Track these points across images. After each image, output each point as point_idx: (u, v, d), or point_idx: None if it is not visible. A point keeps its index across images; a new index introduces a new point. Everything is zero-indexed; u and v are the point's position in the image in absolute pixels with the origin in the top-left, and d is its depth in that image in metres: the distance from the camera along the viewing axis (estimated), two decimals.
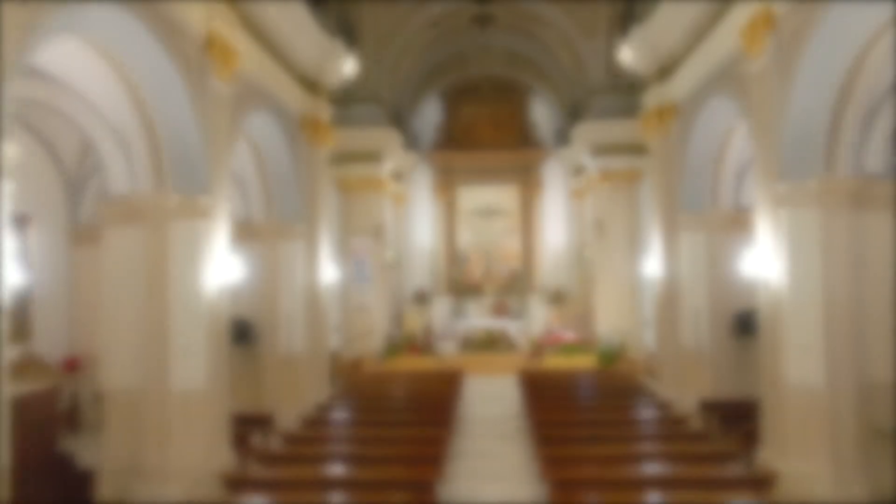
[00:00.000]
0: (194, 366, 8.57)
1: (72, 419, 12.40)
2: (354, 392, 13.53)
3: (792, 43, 7.98)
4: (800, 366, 8.16)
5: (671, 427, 10.07)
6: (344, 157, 21.72)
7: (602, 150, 21.13)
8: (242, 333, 12.40)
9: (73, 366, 12.26)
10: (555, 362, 19.31)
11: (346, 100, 21.78)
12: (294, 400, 12.79)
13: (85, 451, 8.88)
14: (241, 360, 12.90)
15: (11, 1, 5.26)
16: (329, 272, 14.33)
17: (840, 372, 7.95)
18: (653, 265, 13.93)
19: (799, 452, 8.08)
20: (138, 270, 8.54)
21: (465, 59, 26.07)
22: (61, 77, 8.36)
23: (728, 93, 10.32)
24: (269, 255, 12.81)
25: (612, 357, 19.12)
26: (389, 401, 12.10)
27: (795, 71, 7.87)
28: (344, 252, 21.68)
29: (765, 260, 8.71)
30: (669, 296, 13.21)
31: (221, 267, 9.07)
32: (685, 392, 12.57)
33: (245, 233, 13.04)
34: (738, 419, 10.23)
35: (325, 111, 14.25)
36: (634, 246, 21.02)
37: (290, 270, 12.94)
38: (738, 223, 12.49)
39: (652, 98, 13.68)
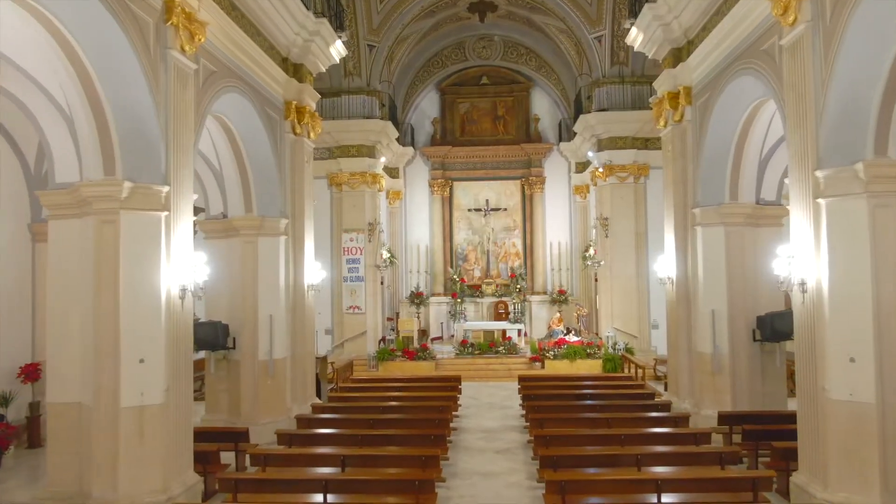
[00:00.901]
0: (150, 378, 7.49)
1: (32, 434, 11.31)
2: (342, 402, 12.45)
3: (837, 4, 6.90)
4: (844, 378, 7.07)
5: (690, 446, 8.99)
6: (335, 151, 20.68)
7: (607, 143, 20.06)
8: (218, 338, 11.33)
9: (31, 374, 11.18)
10: (557, 367, 18.23)
11: (338, 91, 20.77)
12: (274, 411, 11.73)
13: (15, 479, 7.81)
14: (216, 368, 11.86)
15: None
16: (315, 271, 13.26)
17: (893, 385, 6.87)
18: (664, 264, 12.86)
19: (844, 480, 7.01)
20: (85, 269, 7.47)
21: (463, 49, 25.01)
22: (2, 50, 7.32)
23: (754, 71, 9.25)
24: (248, 253, 11.73)
25: (618, 362, 18.05)
26: (380, 412, 11.02)
27: (842, 37, 6.80)
28: (335, 250, 20.64)
29: (801, 257, 7.63)
30: (683, 297, 12.14)
31: (183, 265, 8.00)
32: (702, 403, 11.50)
33: (222, 228, 12.00)
34: (765, 436, 9.15)
35: (311, 97, 13.17)
36: (641, 244, 19.95)
37: (271, 269, 11.87)
38: (760, 217, 11.44)
39: (664, 83, 12.61)
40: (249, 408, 11.59)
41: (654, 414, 10.71)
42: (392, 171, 24.28)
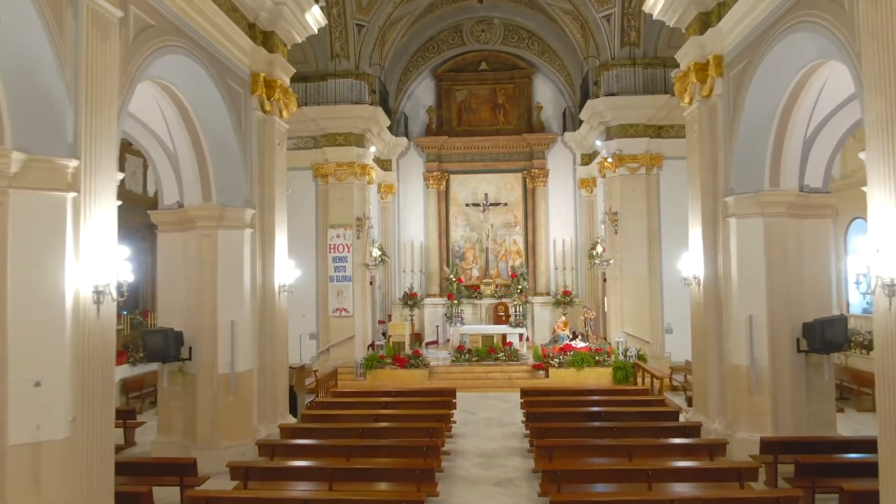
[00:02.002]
0: (49, 406, 5.82)
1: None
2: (317, 421, 10.76)
3: None
4: None
5: (733, 485, 7.32)
6: (321, 140, 19.01)
7: (616, 131, 18.39)
8: (169, 348, 9.65)
9: None
10: (563, 376, 16.56)
11: (324, 74, 19.10)
12: (237, 433, 10.05)
13: None
14: (170, 382, 10.18)
15: None
16: (289, 269, 11.58)
17: None
18: (689, 262, 11.18)
19: None
20: None
21: (460, 33, 23.28)
22: None
23: (811, 24, 7.57)
24: (206, 248, 10.06)
25: (629, 370, 16.37)
26: (358, 436, 9.36)
27: None
28: (321, 247, 18.97)
29: (888, 251, 5.95)
30: (713, 300, 10.47)
31: (101, 260, 6.32)
32: (736, 424, 9.83)
33: (177, 220, 10.33)
34: (823, 472, 7.49)
35: (283, 71, 11.50)
36: (654, 241, 18.30)
37: (233, 267, 10.19)
38: (805, 207, 9.77)
39: (689, 53, 10.92)
40: (207, 430, 9.91)
41: (683, 441, 9.02)
42: (384, 164, 22.61)
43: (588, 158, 22.15)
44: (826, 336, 9.00)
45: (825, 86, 8.99)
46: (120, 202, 6.89)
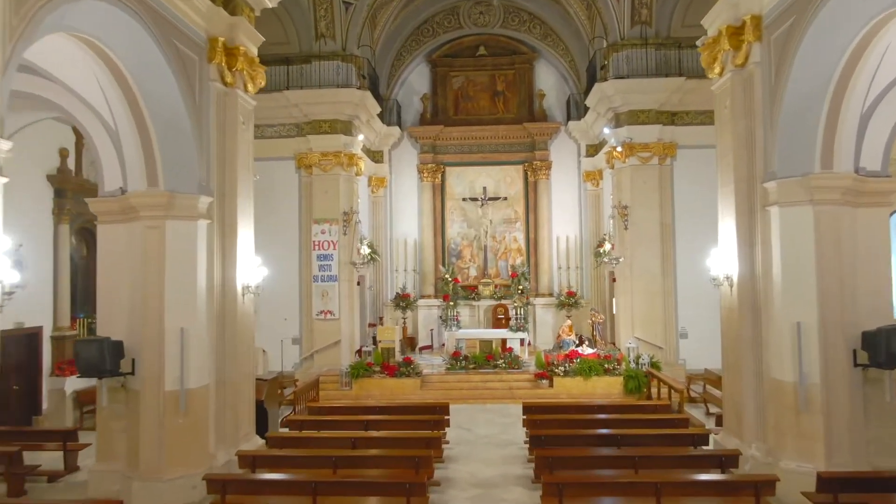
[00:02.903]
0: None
1: None
2: (285, 446, 9.21)
3: None
4: None
5: None
6: (305, 127, 17.47)
7: (626, 117, 16.86)
8: (105, 361, 8.10)
9: None
10: (569, 386, 15.01)
11: (307, 56, 17.53)
12: (189, 460, 8.50)
13: None
14: (110, 400, 8.63)
15: None
16: (254, 267, 10.02)
17: None
18: (719, 259, 9.64)
19: None
20: None
21: (457, 15, 21.69)
22: None
23: None
24: (151, 242, 8.51)
25: (642, 380, 14.82)
26: (331, 466, 7.82)
27: None
28: (304, 244, 17.42)
29: None
30: (749, 303, 8.93)
31: None
32: (780, 450, 8.29)
33: (119, 209, 8.77)
34: None
35: (249, 38, 9.94)
36: (667, 237, 16.77)
37: (184, 264, 8.65)
38: (862, 194, 8.22)
39: (720, 15, 9.35)
40: (152, 457, 8.36)
41: (719, 477, 7.48)
42: (375, 155, 21.07)
43: (594, 149, 20.61)
44: (892, 348, 7.45)
45: (888, 49, 7.48)
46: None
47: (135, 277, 8.58)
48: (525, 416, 10.91)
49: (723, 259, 9.47)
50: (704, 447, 9.09)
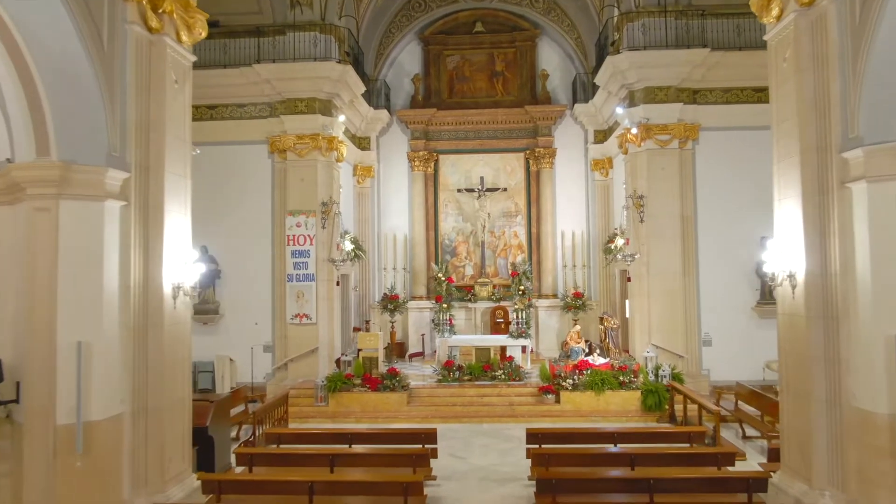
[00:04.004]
0: None
1: None
2: (231, 489, 7.18)
3: None
4: None
5: None
6: (278, 107, 15.44)
7: (643, 95, 14.86)
8: None
9: None
10: (578, 402, 13.01)
11: (282, 26, 15.46)
12: None
13: None
14: None
15: None
16: (189, 263, 7.97)
17: None
18: (778, 251, 7.61)
19: None
20: None
21: None
22: None
23: None
24: (40, 228, 6.49)
25: (663, 394, 12.82)
26: None
27: None
28: (277, 239, 15.41)
29: None
30: (819, 309, 6.91)
31: None
32: (866, 502, 6.28)
33: (3, 186, 6.75)
34: None
35: None
36: (689, 231, 14.81)
37: (86, 257, 6.63)
38: None
39: None
40: None
41: None
42: (361, 142, 19.05)
43: (602, 135, 18.61)
44: None
45: None
46: None
47: (21, 274, 6.56)
48: (529, 446, 8.93)
49: (783, 252, 7.45)
50: (762, 493, 7.07)
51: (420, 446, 9.01)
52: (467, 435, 11.76)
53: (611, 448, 8.74)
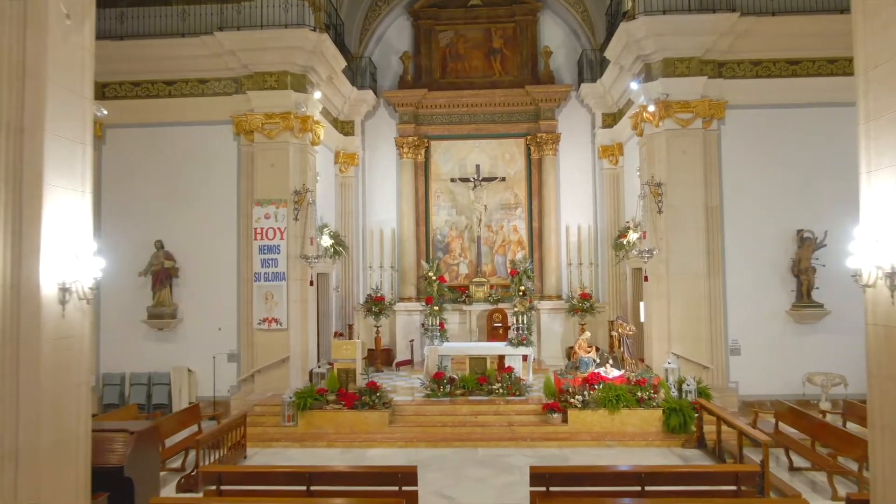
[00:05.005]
0: None
1: None
2: None
3: None
4: None
5: None
6: (245, 82, 13.51)
7: (660, 68, 12.96)
8: None
9: None
10: (590, 423, 11.11)
11: None
12: None
13: None
14: None
15: None
16: (83, 256, 6.04)
17: None
18: (867, 244, 5.69)
19: None
20: None
21: None
22: None
23: None
24: None
25: (688, 413, 10.93)
26: None
27: None
28: (244, 232, 13.51)
29: None
30: None
31: None
32: None
33: None
34: None
35: None
36: (714, 223, 12.96)
37: None
38: None
39: None
40: None
41: None
42: (344, 126, 17.15)
43: (612, 119, 16.74)
44: None
45: None
46: None
47: None
48: (534, 489, 7.03)
49: (876, 242, 5.53)
50: None
51: (396, 488, 7.12)
52: (458, 464, 9.85)
53: (635, 495, 6.83)
